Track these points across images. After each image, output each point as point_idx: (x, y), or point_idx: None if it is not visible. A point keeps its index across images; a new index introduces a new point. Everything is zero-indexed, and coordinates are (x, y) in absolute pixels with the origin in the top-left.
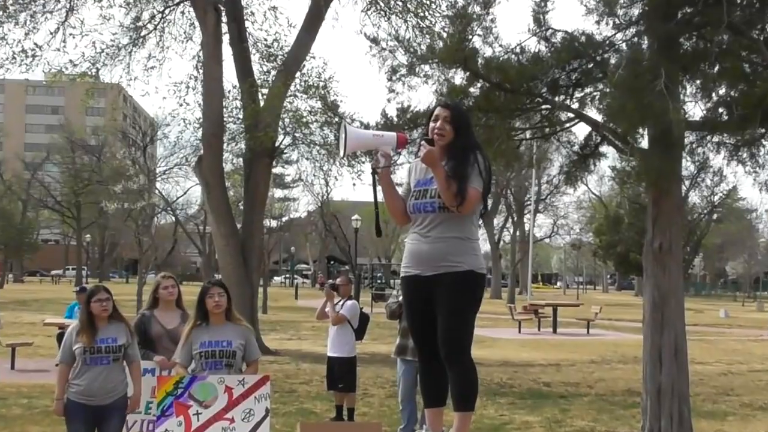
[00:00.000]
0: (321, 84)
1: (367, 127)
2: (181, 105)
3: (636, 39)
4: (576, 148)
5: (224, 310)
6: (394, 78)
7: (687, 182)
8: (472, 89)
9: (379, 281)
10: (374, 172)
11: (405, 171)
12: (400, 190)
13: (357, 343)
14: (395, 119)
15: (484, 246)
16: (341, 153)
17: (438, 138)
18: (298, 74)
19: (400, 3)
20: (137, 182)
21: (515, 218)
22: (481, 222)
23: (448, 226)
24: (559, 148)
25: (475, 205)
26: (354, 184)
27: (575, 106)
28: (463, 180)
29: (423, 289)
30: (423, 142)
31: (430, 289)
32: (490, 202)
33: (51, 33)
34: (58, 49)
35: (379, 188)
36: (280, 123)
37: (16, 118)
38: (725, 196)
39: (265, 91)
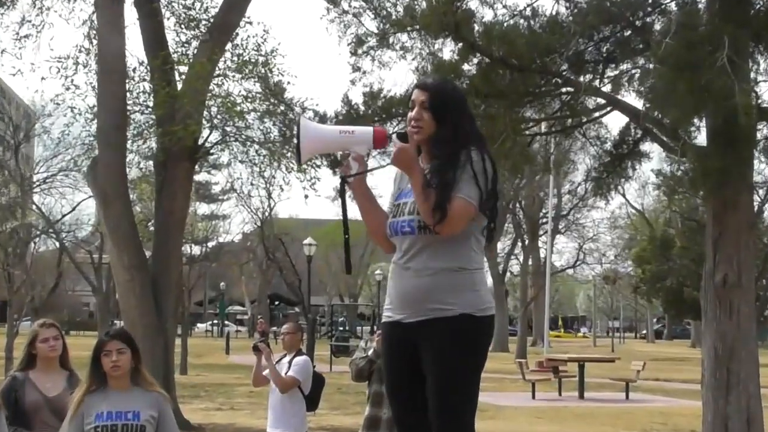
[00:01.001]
0: (261, 60)
1: (323, 119)
2: (67, 88)
3: None
4: (608, 145)
5: (128, 371)
6: (360, 51)
7: (761, 191)
8: (466, 66)
9: (341, 329)
10: (344, 182)
11: (391, 181)
12: (384, 205)
13: (309, 415)
14: (361, 108)
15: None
16: (298, 159)
17: (414, 131)
18: (228, 46)
19: None
20: (6, 194)
21: (527, 241)
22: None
23: (435, 252)
24: (586, 145)
25: (463, 221)
26: (306, 197)
27: (607, 88)
28: (445, 187)
29: (406, 340)
30: (395, 137)
31: (416, 341)
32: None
33: None
34: None
35: (351, 203)
36: (205, 113)
37: None
38: None
39: (184, 69)
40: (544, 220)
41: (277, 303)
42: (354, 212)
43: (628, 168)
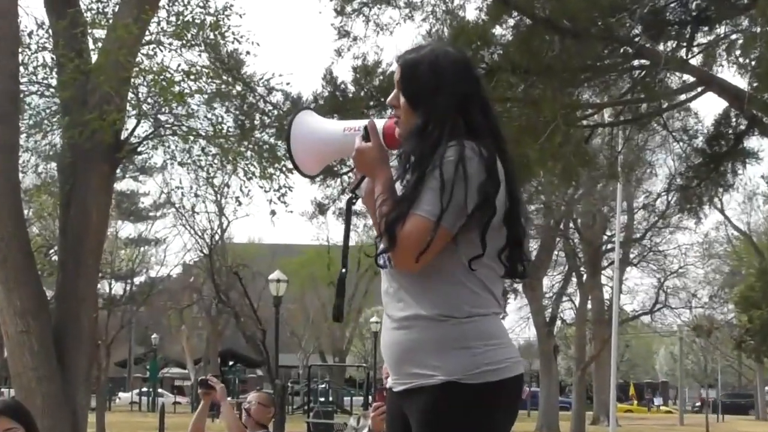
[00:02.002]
0: (209, 20)
1: (296, 103)
2: None
3: None
4: (699, 141)
5: None
6: (348, 9)
7: None
8: (498, 30)
9: (322, 400)
10: (352, 198)
11: None
12: None
13: None
14: (350, 88)
15: (523, 330)
16: (301, 172)
17: (396, 122)
18: (164, 2)
19: None
20: None
21: (584, 277)
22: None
23: (412, 295)
24: (668, 141)
25: (417, 248)
26: (273, 213)
27: (697, 60)
28: (399, 202)
29: (400, 415)
30: (362, 130)
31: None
32: (499, 235)
33: None
34: None
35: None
36: (131, 95)
37: None
38: None
39: (101, 33)
40: (609, 246)
41: (231, 364)
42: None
43: (728, 173)
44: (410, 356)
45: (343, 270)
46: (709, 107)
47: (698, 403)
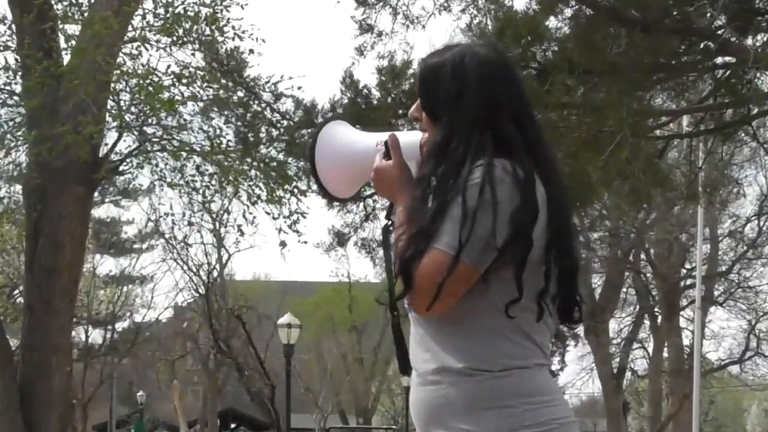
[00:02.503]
0: (204, 13)
1: (309, 111)
2: None
3: None
4: None
5: None
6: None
7: None
8: (552, 22)
9: None
10: (389, 226)
11: None
12: None
13: None
14: (375, 93)
15: (586, 384)
16: (329, 194)
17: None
18: None
19: None
20: None
21: (659, 319)
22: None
23: (439, 340)
24: (759, 154)
25: (431, 286)
26: (284, 245)
27: None
28: (417, 235)
29: None
30: (382, 145)
31: None
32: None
33: None
34: None
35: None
36: (111, 103)
37: None
38: None
39: (74, 29)
40: (689, 281)
41: (233, 427)
42: (362, 271)
43: None
44: (437, 417)
45: (395, 314)
46: None
47: None
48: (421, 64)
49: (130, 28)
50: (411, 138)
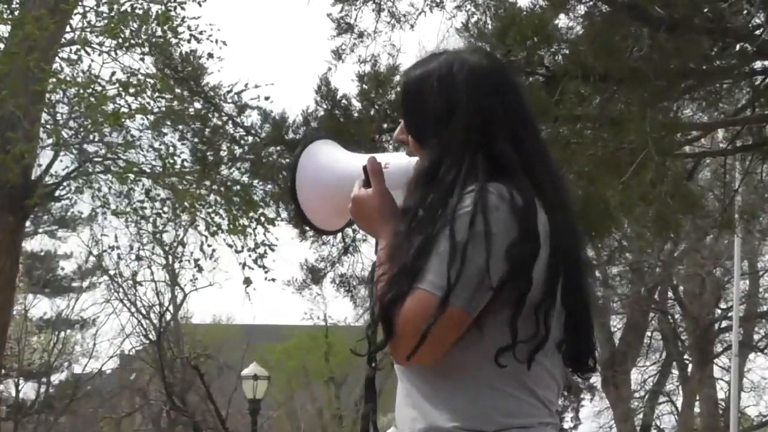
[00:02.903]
0: (156, 11)
1: (279, 125)
2: None
3: None
4: None
5: None
6: None
7: None
8: (562, 20)
9: None
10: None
11: None
12: None
13: None
14: (355, 104)
15: None
16: (315, 227)
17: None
18: None
19: None
20: None
21: (689, 368)
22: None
23: (427, 395)
24: None
25: (416, 332)
26: (248, 283)
27: None
28: (399, 274)
29: None
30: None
31: None
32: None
33: None
34: None
35: None
36: (45, 116)
37: None
38: None
39: (1, 30)
40: (725, 324)
41: None
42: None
43: None
44: None
45: (372, 366)
46: None
47: None
48: (403, 78)
49: (68, 28)
50: (403, 163)
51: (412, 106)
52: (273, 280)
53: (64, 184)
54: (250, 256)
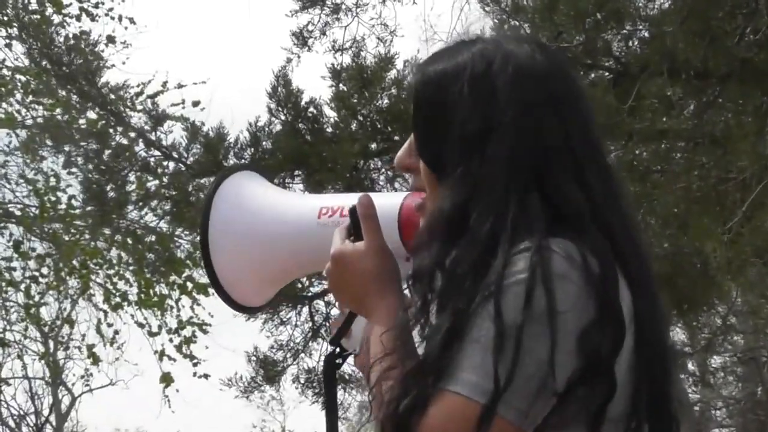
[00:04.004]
0: None
1: (214, 146)
2: None
3: None
4: None
5: None
6: None
7: None
8: None
9: None
10: (336, 356)
11: None
12: None
13: None
14: (328, 114)
15: None
16: (231, 301)
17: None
18: None
19: None
20: None
21: None
22: None
23: None
24: None
25: None
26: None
27: None
28: (419, 373)
29: None
30: (345, 214)
31: None
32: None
33: None
34: None
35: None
36: None
37: None
38: None
39: None
40: None
41: None
42: None
43: None
44: None
45: None
46: None
47: None
48: (417, 76)
49: None
50: (388, 204)
51: (428, 119)
52: (206, 376)
53: None
54: (171, 340)
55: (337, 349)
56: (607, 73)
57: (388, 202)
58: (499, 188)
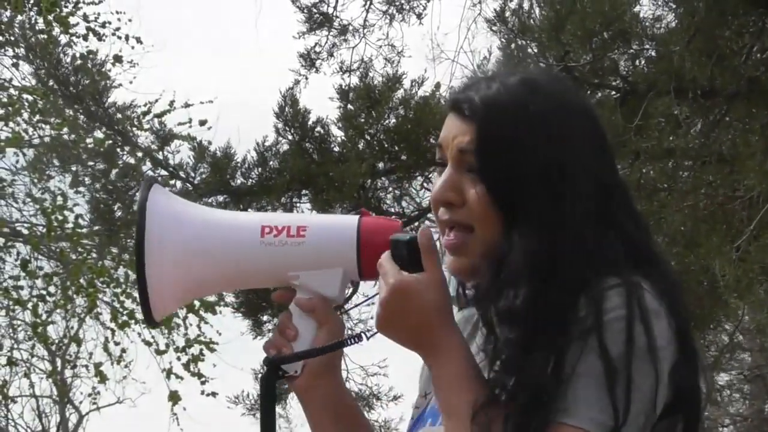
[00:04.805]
0: None
1: (221, 165)
2: None
3: None
4: None
5: None
6: None
7: None
8: (647, 7)
9: None
10: (273, 376)
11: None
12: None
13: None
14: (335, 133)
15: None
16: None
17: (452, 242)
18: None
19: None
20: None
21: None
22: None
23: None
24: None
25: None
26: (176, 399)
27: None
28: (532, 403)
29: None
30: (387, 252)
31: None
32: None
33: None
34: None
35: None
36: None
37: None
38: None
39: None
40: None
41: None
42: None
43: None
44: None
45: None
46: None
47: None
48: (480, 104)
49: None
50: (343, 223)
51: (500, 159)
52: (214, 395)
53: None
54: (179, 359)
55: (286, 366)
56: (614, 92)
57: (343, 222)
58: (580, 228)
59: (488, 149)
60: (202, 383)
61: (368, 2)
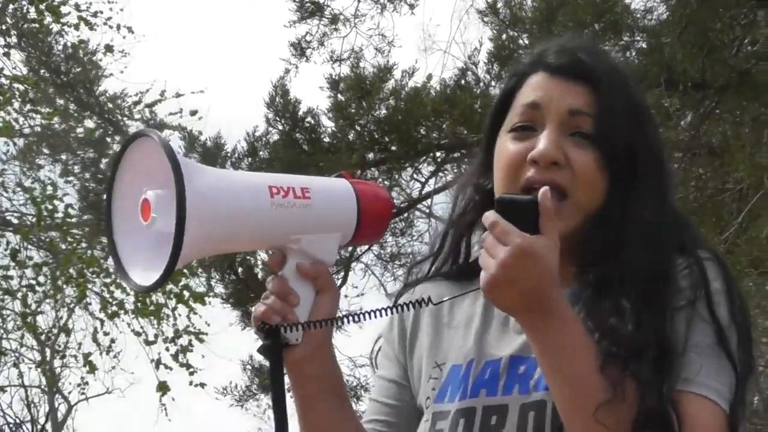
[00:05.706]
0: None
1: (212, 155)
2: None
3: None
4: None
5: None
6: None
7: None
8: None
9: None
10: (273, 348)
11: (387, 329)
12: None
13: None
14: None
15: None
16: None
17: (554, 204)
18: None
19: None
20: None
21: None
22: None
23: None
24: None
25: None
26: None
27: None
28: (659, 370)
29: None
30: (493, 210)
31: None
32: None
33: None
34: None
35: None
36: None
37: None
38: None
39: None
40: None
41: None
42: None
43: None
44: None
45: None
46: None
47: None
48: (600, 67)
49: None
50: (339, 187)
51: (626, 119)
52: (202, 385)
53: None
54: (167, 349)
55: (288, 334)
56: None
57: (339, 186)
58: (673, 202)
59: (611, 114)
60: (191, 374)
61: None
